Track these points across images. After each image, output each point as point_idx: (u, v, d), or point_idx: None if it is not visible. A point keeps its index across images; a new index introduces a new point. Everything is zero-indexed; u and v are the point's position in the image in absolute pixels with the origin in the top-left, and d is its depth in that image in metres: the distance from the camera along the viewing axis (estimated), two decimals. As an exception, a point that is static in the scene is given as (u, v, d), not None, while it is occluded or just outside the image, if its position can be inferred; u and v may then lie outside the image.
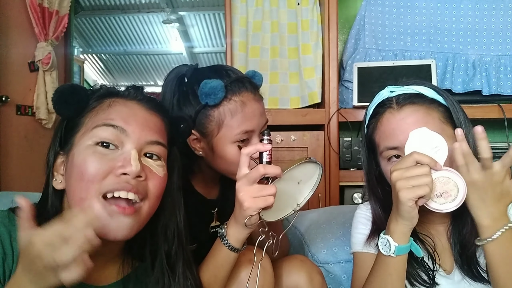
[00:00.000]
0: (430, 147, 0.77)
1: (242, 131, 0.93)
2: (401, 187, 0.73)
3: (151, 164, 0.70)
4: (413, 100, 0.86)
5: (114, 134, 0.67)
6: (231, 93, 0.94)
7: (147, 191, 0.68)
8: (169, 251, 0.76)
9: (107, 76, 7.44)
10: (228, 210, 1.11)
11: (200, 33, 6.11)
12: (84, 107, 0.71)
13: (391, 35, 2.24)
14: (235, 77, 0.97)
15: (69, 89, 0.70)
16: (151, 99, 0.76)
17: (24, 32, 2.27)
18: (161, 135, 0.73)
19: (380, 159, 0.89)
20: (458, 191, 0.75)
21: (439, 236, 0.91)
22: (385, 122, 0.87)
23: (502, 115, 1.86)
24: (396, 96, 0.88)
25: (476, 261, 0.86)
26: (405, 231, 0.77)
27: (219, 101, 0.93)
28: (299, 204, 0.86)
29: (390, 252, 0.78)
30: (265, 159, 0.79)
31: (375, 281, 0.82)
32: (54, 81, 2.35)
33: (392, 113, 0.86)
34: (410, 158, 0.75)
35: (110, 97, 0.72)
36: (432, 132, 0.78)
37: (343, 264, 1.17)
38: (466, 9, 2.23)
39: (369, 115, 0.92)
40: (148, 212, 0.70)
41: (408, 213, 0.74)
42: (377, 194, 0.93)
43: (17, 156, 2.22)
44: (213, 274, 0.85)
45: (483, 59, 2.19)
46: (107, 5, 5.35)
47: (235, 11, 2.07)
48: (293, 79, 2.11)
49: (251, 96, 0.96)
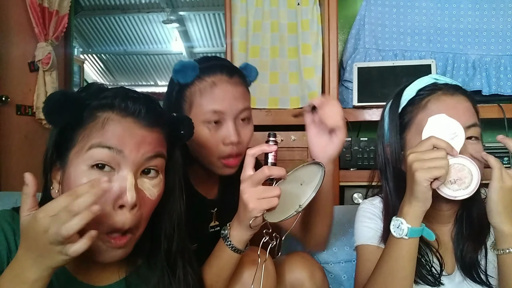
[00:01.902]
0: (448, 133, 0.78)
1: (211, 110, 0.94)
2: (418, 168, 0.73)
3: (146, 186, 0.68)
4: (461, 90, 0.88)
5: (110, 155, 0.64)
6: (203, 74, 0.96)
7: (139, 222, 0.68)
8: (169, 249, 0.76)
9: (107, 76, 7.43)
10: (227, 210, 1.11)
11: (200, 33, 6.11)
12: (78, 118, 0.66)
13: (391, 35, 2.24)
14: (214, 62, 0.99)
15: (60, 98, 0.65)
16: (150, 111, 0.70)
17: (24, 32, 2.27)
18: (160, 145, 0.71)
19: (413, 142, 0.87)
20: (472, 179, 0.75)
21: (442, 236, 0.91)
22: (439, 102, 0.87)
23: (502, 115, 1.85)
24: (444, 84, 0.89)
25: (477, 264, 0.86)
26: (418, 213, 0.77)
27: (191, 80, 0.96)
28: (301, 205, 0.86)
29: (403, 234, 0.77)
30: (270, 160, 0.79)
31: (386, 266, 0.81)
32: (54, 81, 2.35)
33: (447, 95, 0.87)
34: (427, 142, 0.76)
35: (104, 111, 0.67)
36: (450, 118, 0.80)
37: (343, 264, 1.17)
38: (466, 9, 2.23)
39: (411, 96, 0.91)
40: (139, 235, 0.70)
41: (423, 194, 0.74)
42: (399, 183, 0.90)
43: (17, 156, 2.22)
44: (216, 275, 0.85)
45: (483, 59, 2.19)
46: (107, 5, 5.35)
47: (235, 11, 2.07)
48: (293, 79, 2.11)
49: (224, 78, 0.97)
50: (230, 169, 1.01)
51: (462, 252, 0.88)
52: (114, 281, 0.74)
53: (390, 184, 0.92)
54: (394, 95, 0.95)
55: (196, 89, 0.96)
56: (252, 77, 1.07)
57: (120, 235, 0.65)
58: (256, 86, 2.08)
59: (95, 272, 0.72)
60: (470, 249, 0.87)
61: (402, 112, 0.91)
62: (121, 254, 0.67)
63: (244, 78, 1.04)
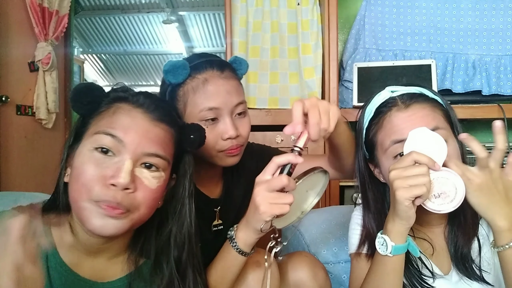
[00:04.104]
0: (429, 147, 0.76)
1: (206, 108, 0.93)
2: (398, 186, 0.72)
3: (145, 175, 0.70)
4: (417, 98, 0.86)
5: (112, 142, 0.68)
6: (194, 72, 0.95)
7: (135, 203, 0.68)
8: (179, 257, 0.77)
9: (107, 76, 7.44)
10: (230, 209, 1.11)
11: (200, 33, 6.11)
12: (96, 107, 0.73)
13: (391, 35, 2.24)
14: (204, 59, 0.98)
15: (83, 88, 0.73)
16: (160, 108, 0.74)
17: (24, 32, 2.27)
18: (162, 147, 0.72)
19: (383, 159, 0.88)
20: (457, 192, 0.74)
21: (436, 238, 0.91)
22: (392, 118, 0.86)
23: (502, 115, 1.85)
24: (400, 96, 0.88)
25: (470, 259, 0.86)
26: (402, 230, 0.76)
27: (183, 80, 0.95)
28: (304, 212, 0.86)
29: (387, 251, 0.77)
30: (289, 169, 0.78)
31: (373, 281, 0.82)
32: (54, 81, 2.35)
33: (400, 110, 0.85)
34: (408, 158, 0.74)
35: (118, 102, 0.73)
36: (431, 132, 0.78)
37: (343, 264, 1.17)
38: (466, 9, 2.23)
39: (370, 116, 0.91)
40: (139, 219, 0.70)
41: (405, 213, 0.73)
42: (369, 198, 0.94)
43: (17, 156, 2.22)
44: (220, 276, 0.85)
45: (483, 59, 2.19)
46: (107, 5, 5.35)
47: (235, 11, 2.07)
48: (293, 79, 2.11)
49: (215, 73, 0.96)
50: (233, 158, 1.00)
51: (455, 247, 0.88)
52: (116, 278, 0.74)
53: (364, 195, 0.94)
54: (358, 113, 0.95)
55: (189, 88, 0.95)
56: (243, 70, 1.06)
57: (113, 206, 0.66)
58: (256, 86, 2.08)
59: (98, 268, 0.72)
60: (462, 241, 0.87)
61: (367, 131, 0.91)
62: (112, 226, 0.67)
63: (235, 71, 1.03)
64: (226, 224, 1.09)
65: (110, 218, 0.66)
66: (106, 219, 0.66)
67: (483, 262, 0.87)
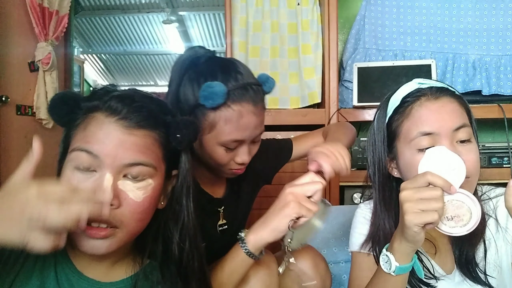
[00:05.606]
0: (446, 167, 0.72)
1: (232, 140, 0.94)
2: (409, 210, 0.68)
3: (129, 188, 0.66)
4: (446, 92, 0.84)
5: (89, 159, 0.64)
6: (231, 101, 0.92)
7: (121, 218, 0.66)
8: (182, 256, 0.76)
9: (107, 76, 7.43)
10: (234, 209, 1.11)
11: (200, 33, 6.11)
12: (74, 118, 0.68)
13: (391, 35, 2.24)
14: (241, 83, 0.94)
15: (59, 99, 0.68)
16: (136, 111, 0.67)
17: (24, 32, 2.27)
18: (143, 153, 0.67)
19: (404, 151, 0.84)
20: (471, 217, 0.70)
21: (440, 238, 0.90)
22: (422, 108, 0.82)
23: (502, 115, 1.86)
24: (429, 88, 0.86)
25: (475, 263, 0.85)
26: (409, 252, 0.74)
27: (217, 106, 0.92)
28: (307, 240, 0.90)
29: (390, 270, 0.75)
30: None
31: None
32: (54, 81, 2.35)
33: (429, 101, 0.83)
34: (422, 179, 0.70)
35: (92, 112, 0.67)
36: (450, 152, 0.73)
37: (343, 264, 1.17)
38: (466, 9, 2.23)
39: (396, 105, 0.87)
40: (131, 233, 0.68)
41: (413, 237, 0.70)
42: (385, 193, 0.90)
43: (17, 156, 2.21)
44: (226, 277, 0.85)
45: (483, 59, 2.19)
46: (107, 5, 5.35)
47: (235, 11, 2.07)
48: (293, 79, 2.11)
49: (250, 108, 0.94)
50: (237, 174, 1.04)
51: (460, 249, 0.87)
52: (121, 279, 0.74)
53: (377, 194, 0.90)
54: (381, 103, 0.93)
55: (222, 116, 0.93)
56: (269, 90, 1.03)
57: (98, 227, 0.64)
58: (256, 86, 2.08)
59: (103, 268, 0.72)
60: (468, 245, 0.86)
61: (390, 120, 0.88)
62: (102, 246, 0.65)
63: (264, 99, 1.01)
64: (230, 224, 1.10)
65: (97, 239, 0.64)
66: (94, 241, 0.64)
67: (488, 266, 0.86)
